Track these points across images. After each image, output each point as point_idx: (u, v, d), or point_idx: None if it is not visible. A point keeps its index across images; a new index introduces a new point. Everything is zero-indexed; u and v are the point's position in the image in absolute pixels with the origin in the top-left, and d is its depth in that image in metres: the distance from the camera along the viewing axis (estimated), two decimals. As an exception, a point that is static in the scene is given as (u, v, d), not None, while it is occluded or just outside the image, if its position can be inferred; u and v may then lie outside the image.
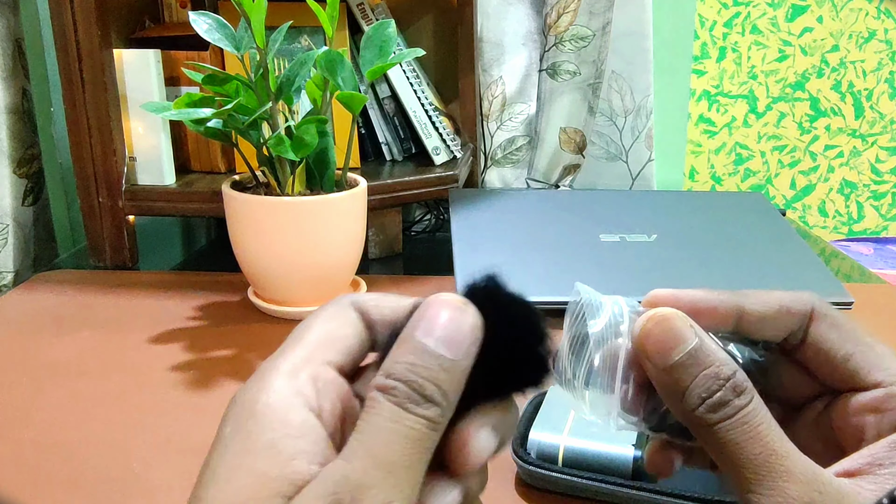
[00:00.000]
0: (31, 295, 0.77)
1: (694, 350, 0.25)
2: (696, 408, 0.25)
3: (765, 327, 0.29)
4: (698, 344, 0.26)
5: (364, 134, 0.95)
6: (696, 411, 0.25)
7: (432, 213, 1.07)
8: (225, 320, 0.72)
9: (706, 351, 0.26)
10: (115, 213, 0.83)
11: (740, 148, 1.72)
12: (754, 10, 1.64)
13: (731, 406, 0.25)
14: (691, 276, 0.75)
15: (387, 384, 0.23)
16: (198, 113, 0.63)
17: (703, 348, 0.26)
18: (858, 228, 1.78)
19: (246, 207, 0.68)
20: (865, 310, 0.75)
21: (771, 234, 0.83)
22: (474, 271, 0.26)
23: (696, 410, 0.25)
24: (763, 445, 0.24)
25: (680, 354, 0.25)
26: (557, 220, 0.84)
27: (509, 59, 1.05)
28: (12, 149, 0.89)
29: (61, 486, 0.48)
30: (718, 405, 0.25)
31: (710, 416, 0.25)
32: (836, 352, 0.28)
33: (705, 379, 0.25)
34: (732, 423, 0.25)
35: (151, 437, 0.53)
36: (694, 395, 0.25)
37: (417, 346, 0.23)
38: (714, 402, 0.25)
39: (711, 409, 0.25)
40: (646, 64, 1.08)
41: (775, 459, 0.24)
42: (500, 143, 1.08)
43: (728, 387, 0.25)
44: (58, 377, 0.61)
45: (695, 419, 0.25)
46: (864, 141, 1.73)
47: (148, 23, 0.89)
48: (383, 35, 0.66)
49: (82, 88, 0.79)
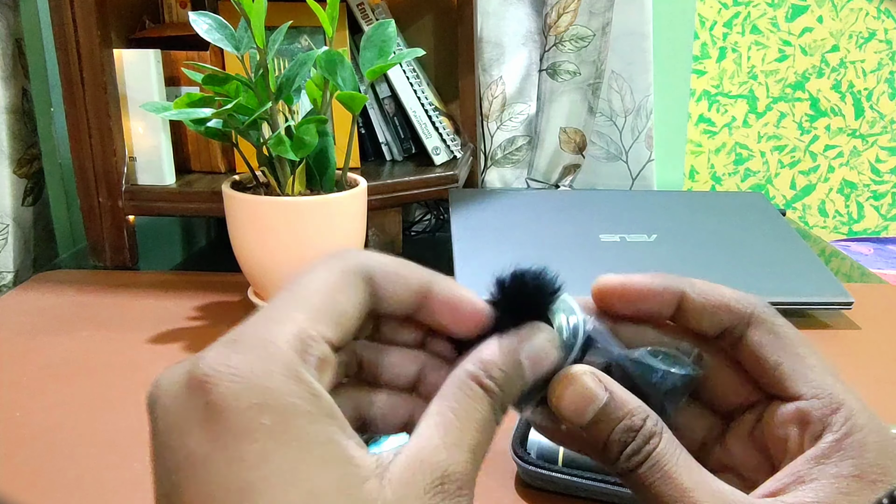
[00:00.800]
0: (31, 295, 0.77)
1: (605, 406, 0.26)
2: (616, 460, 0.26)
3: (702, 318, 0.29)
4: (608, 399, 0.27)
5: (364, 134, 0.95)
6: (617, 463, 0.26)
7: (432, 213, 1.07)
8: (225, 320, 0.72)
9: (617, 404, 0.27)
10: (115, 213, 0.83)
11: (740, 148, 1.72)
12: (754, 10, 1.64)
13: (643, 453, 0.26)
14: (691, 276, 0.74)
15: (487, 383, 0.25)
16: (198, 113, 0.63)
17: (613, 402, 0.27)
18: (858, 228, 1.78)
19: (246, 207, 0.68)
20: (865, 310, 0.75)
21: (771, 234, 0.83)
22: (475, 270, 0.27)
23: (617, 462, 0.26)
24: (674, 485, 0.25)
25: (593, 413, 0.26)
26: (557, 220, 0.84)
27: (509, 59, 1.05)
28: (12, 149, 0.89)
29: (61, 486, 0.48)
30: (634, 453, 0.26)
31: (626, 464, 0.26)
32: (768, 358, 0.28)
33: (619, 433, 0.26)
34: (645, 468, 0.26)
35: (151, 437, 0.53)
36: (612, 450, 0.26)
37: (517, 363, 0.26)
38: (630, 451, 0.26)
39: (628, 458, 0.26)
40: (646, 64, 1.08)
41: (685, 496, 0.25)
42: (500, 143, 1.08)
43: (641, 434, 0.26)
44: (58, 377, 0.61)
45: (617, 469, 0.27)
46: (864, 141, 1.73)
47: (148, 23, 0.89)
48: (383, 35, 0.66)
49: (82, 88, 0.79)
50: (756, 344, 0.28)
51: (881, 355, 0.67)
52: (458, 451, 0.23)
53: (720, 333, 0.29)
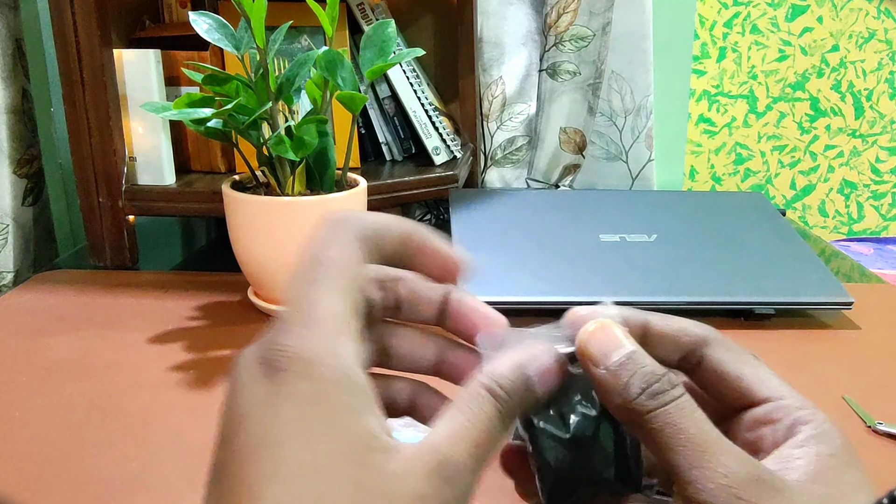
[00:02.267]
0: (31, 295, 0.77)
1: (632, 353, 0.28)
2: (637, 397, 0.28)
3: (666, 343, 0.31)
4: (636, 349, 0.29)
5: (364, 134, 0.95)
6: (636, 400, 0.28)
7: (432, 213, 1.07)
8: (225, 320, 0.72)
9: (642, 355, 0.29)
10: (115, 213, 0.83)
11: (740, 148, 1.72)
12: (754, 10, 1.64)
13: (668, 394, 0.28)
14: (691, 276, 0.75)
15: (498, 392, 0.27)
16: (198, 113, 0.63)
17: (639, 353, 0.29)
18: (858, 228, 1.78)
19: (246, 207, 0.68)
20: (865, 310, 0.75)
21: (771, 234, 0.83)
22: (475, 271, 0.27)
23: (636, 399, 0.28)
24: (699, 427, 0.27)
25: (620, 356, 0.28)
26: (557, 220, 0.84)
27: (509, 59, 1.05)
28: (12, 149, 0.89)
29: (61, 486, 0.48)
30: (656, 393, 0.27)
31: (649, 402, 0.27)
32: (729, 372, 0.31)
33: (643, 374, 0.28)
34: (670, 408, 0.27)
35: (151, 437, 0.53)
36: (634, 386, 0.28)
37: (527, 380, 0.28)
38: (653, 391, 0.28)
39: (650, 397, 0.27)
40: (646, 64, 1.08)
41: (713, 437, 0.27)
42: (500, 143, 1.08)
43: (664, 380, 0.28)
44: (58, 377, 0.61)
45: (634, 408, 0.28)
46: (864, 141, 1.73)
47: (148, 23, 0.89)
48: (383, 35, 0.66)
49: (82, 88, 0.79)
50: (717, 361, 0.31)
51: (881, 355, 0.67)
52: (459, 443, 0.26)
53: (683, 356, 0.32)
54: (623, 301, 0.33)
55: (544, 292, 0.71)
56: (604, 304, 0.31)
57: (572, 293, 0.71)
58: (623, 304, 0.32)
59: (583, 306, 0.31)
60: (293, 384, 0.24)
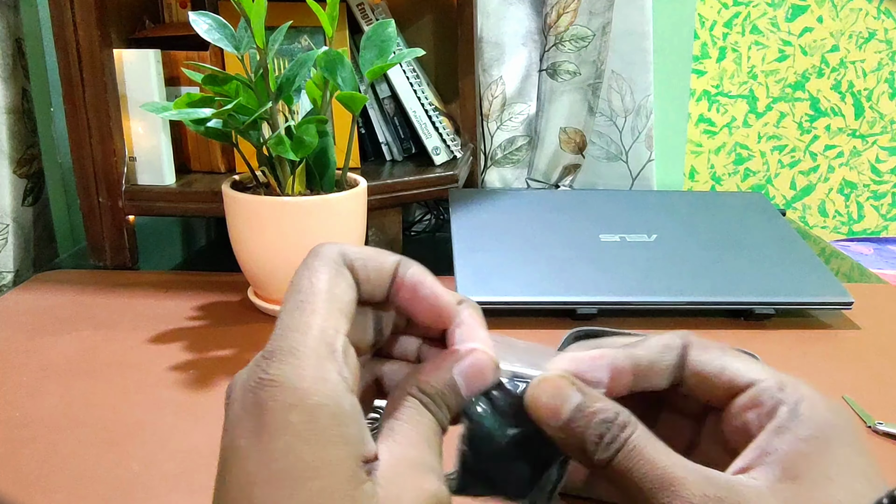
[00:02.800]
0: (31, 295, 0.77)
1: (579, 405, 0.29)
2: (595, 452, 0.28)
3: (652, 377, 0.31)
4: (582, 399, 0.29)
5: (364, 134, 0.95)
6: (596, 455, 0.28)
7: (432, 213, 1.07)
8: (225, 320, 0.72)
9: (590, 402, 0.29)
10: (115, 213, 0.83)
11: (740, 148, 1.72)
12: (754, 10, 1.64)
13: (619, 439, 0.28)
14: (691, 276, 0.75)
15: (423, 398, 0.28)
16: (198, 113, 0.63)
17: (586, 401, 0.29)
18: (858, 228, 1.78)
19: (246, 207, 0.68)
20: (865, 310, 0.75)
21: (771, 234, 0.83)
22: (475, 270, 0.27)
23: (596, 454, 0.28)
24: (653, 464, 0.27)
25: (568, 413, 0.29)
26: (557, 220, 0.84)
27: (509, 59, 1.05)
28: (12, 149, 0.89)
29: (61, 486, 0.48)
30: (610, 441, 0.28)
31: (605, 454, 0.28)
32: (712, 368, 0.31)
33: (595, 426, 0.28)
34: (624, 453, 0.28)
35: (151, 437, 0.53)
36: (590, 443, 0.28)
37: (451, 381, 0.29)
38: (606, 441, 0.28)
39: (606, 448, 0.28)
40: (646, 64, 1.08)
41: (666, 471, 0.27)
42: (500, 143, 1.08)
43: (615, 425, 0.28)
44: (58, 377, 0.61)
45: (597, 462, 0.28)
46: (864, 141, 1.73)
47: (148, 23, 0.89)
48: (383, 35, 0.66)
49: (82, 88, 0.79)
50: (698, 362, 0.31)
51: (881, 355, 0.67)
52: (410, 446, 0.27)
53: (673, 376, 0.32)
54: (623, 301, 0.33)
55: (544, 292, 0.71)
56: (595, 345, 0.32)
57: (572, 293, 0.71)
58: (623, 304, 0.32)
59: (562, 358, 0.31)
60: (283, 416, 0.24)
